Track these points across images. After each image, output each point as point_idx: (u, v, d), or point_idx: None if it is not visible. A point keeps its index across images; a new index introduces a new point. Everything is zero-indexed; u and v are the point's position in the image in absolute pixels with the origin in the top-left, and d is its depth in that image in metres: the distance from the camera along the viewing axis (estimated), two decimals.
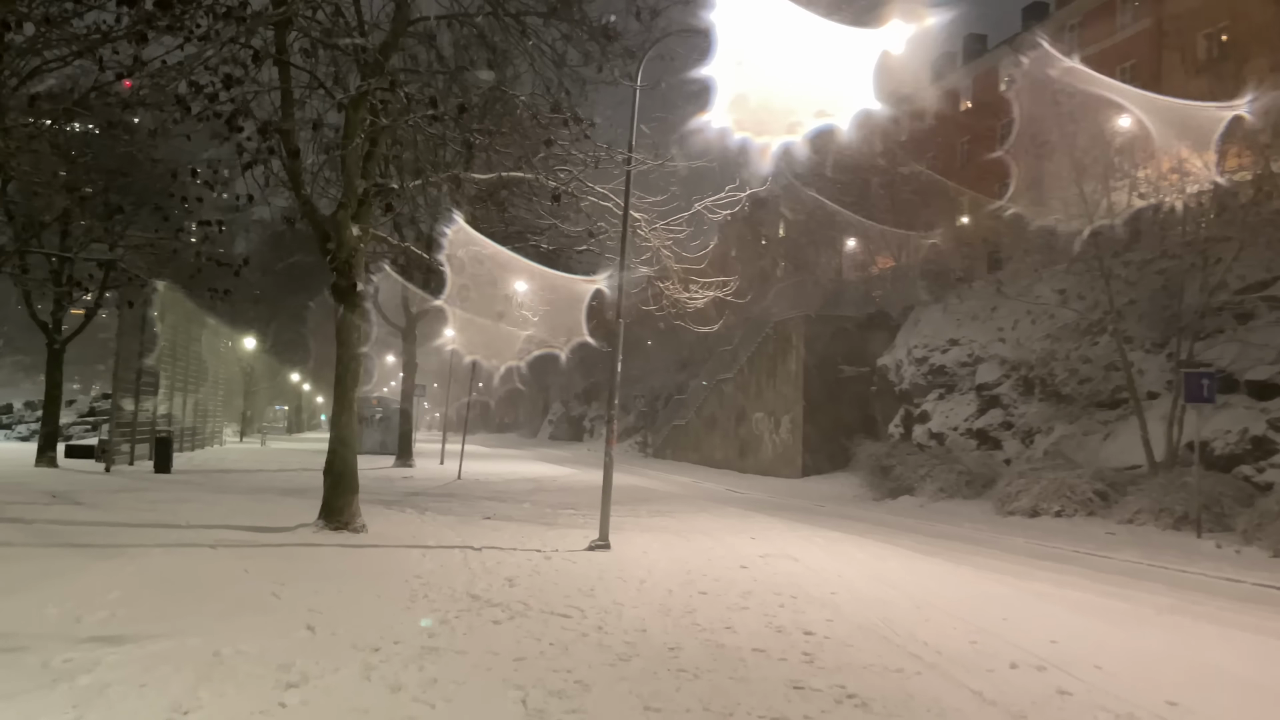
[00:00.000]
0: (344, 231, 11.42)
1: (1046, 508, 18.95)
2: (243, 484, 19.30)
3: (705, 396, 40.07)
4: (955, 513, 20.71)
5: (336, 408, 11.78)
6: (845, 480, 27.40)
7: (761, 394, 34.14)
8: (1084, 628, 7.96)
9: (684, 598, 8.38)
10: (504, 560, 10.09)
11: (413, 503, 16.47)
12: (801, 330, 31.38)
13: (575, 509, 16.51)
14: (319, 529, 11.52)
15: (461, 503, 17.06)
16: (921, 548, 13.65)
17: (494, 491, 20.22)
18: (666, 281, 13.86)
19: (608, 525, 11.44)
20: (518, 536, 12.27)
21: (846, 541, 13.50)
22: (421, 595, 8.02)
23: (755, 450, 34.16)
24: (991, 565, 12.00)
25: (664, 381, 52.63)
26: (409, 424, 29.16)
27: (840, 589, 9.11)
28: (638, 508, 17.51)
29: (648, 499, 20.12)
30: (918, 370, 27.77)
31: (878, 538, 14.76)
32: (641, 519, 15.44)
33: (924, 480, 23.12)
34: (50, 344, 22.81)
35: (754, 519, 16.39)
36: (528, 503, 17.53)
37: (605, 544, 11.22)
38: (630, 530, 13.52)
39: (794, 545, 12.55)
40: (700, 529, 14.19)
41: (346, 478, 11.77)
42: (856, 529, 16.28)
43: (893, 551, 12.60)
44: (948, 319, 27.51)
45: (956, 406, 25.74)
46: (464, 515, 14.80)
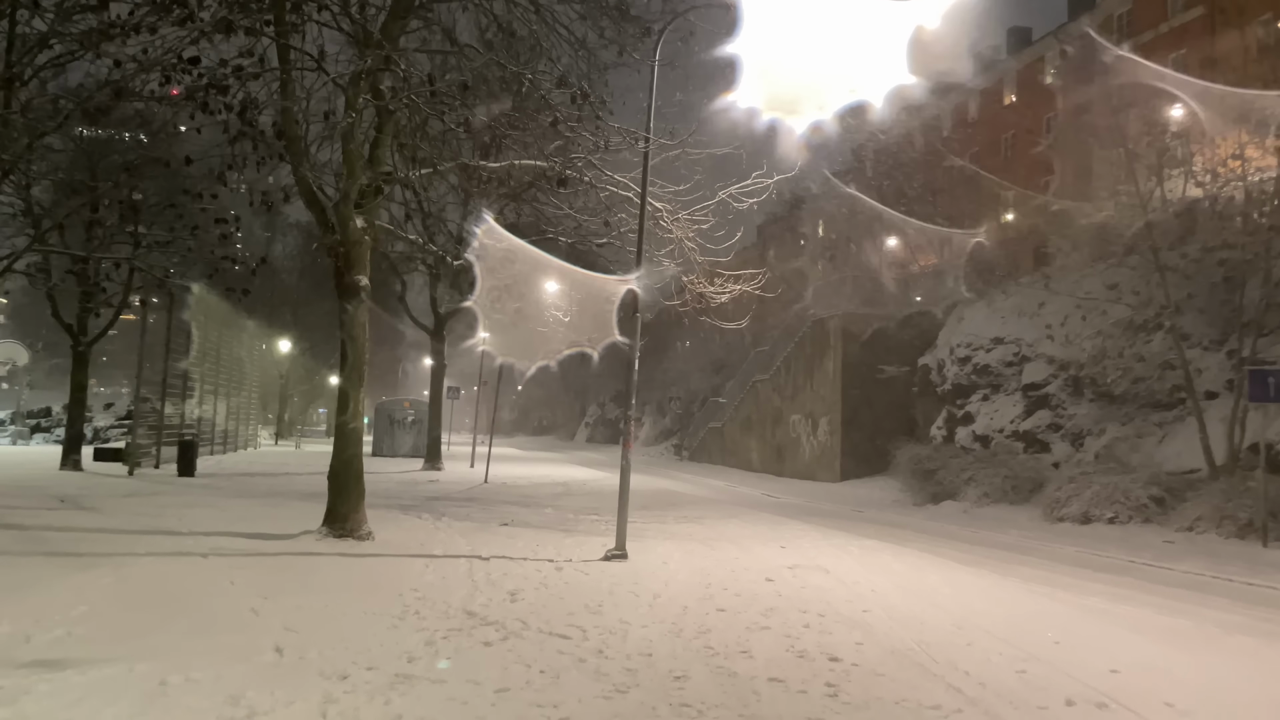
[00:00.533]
0: (347, 224, 10.84)
1: (1099, 514, 17.94)
2: (262, 487, 18.85)
3: (741, 398, 39.21)
4: (1001, 519, 19.73)
5: (340, 409, 11.19)
6: (885, 485, 26.45)
7: (798, 395, 33.24)
8: (1147, 652, 7.11)
9: (699, 615, 7.64)
10: (511, 571, 9.42)
11: (431, 508, 15.88)
12: (839, 329, 30.45)
13: (598, 515, 15.81)
14: (322, 537, 10.94)
15: (482, 508, 16.44)
16: (964, 557, 12.78)
17: (519, 496, 19.59)
18: (691, 276, 13.12)
19: (625, 533, 10.73)
20: (532, 544, 11.60)
21: (883, 551, 12.66)
22: (413, 612, 7.36)
23: (792, 453, 33.26)
24: (1040, 577, 11.12)
25: (700, 383, 51.86)
26: (438, 426, 28.67)
27: (873, 606, 8.31)
28: (665, 513, 16.79)
29: (677, 504, 19.39)
30: (961, 370, 26.75)
31: (917, 546, 13.90)
32: (667, 525, 14.71)
33: (967, 485, 22.14)
34: (75, 346, 22.58)
35: (786, 526, 15.59)
36: (550, 508, 16.87)
37: (622, 553, 10.52)
38: (653, 538, 12.80)
39: (826, 555, 11.75)
40: (728, 537, 13.43)
41: (351, 483, 11.19)
42: (895, 536, 15.42)
43: (932, 562, 11.75)
44: (992, 316, 26.45)
45: (1002, 407, 24.70)
46: (481, 521, 14.17)
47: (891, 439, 27.26)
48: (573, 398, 78.22)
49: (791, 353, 34.07)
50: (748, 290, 13.17)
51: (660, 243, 13.21)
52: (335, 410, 11.29)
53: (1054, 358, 23.54)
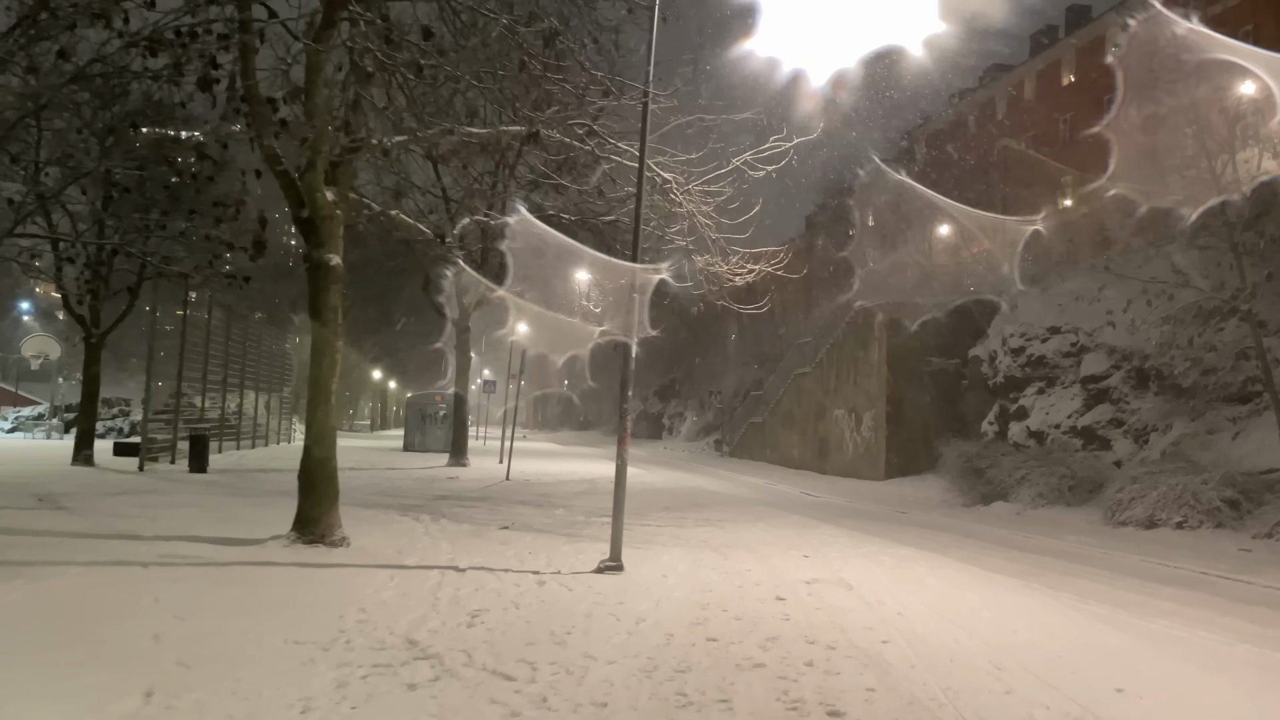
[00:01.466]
0: (315, 195, 9.76)
1: (1165, 518, 16.36)
2: (268, 485, 17.95)
3: (782, 392, 37.77)
4: (1056, 522, 18.19)
5: (311, 401, 10.13)
6: (932, 483, 24.93)
7: (841, 389, 31.74)
8: (1234, 702, 5.75)
9: (683, 648, 6.41)
10: (485, 586, 8.27)
11: (435, 508, 14.81)
12: (884, 319, 28.88)
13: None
14: (289, 543, 9.89)
15: (490, 508, 15.34)
16: (1012, 568, 11.37)
17: (536, 494, 18.48)
18: (705, 256, 11.87)
19: (620, 542, 9.52)
20: (524, 552, 10.45)
21: (920, 561, 11.30)
22: (344, 641, 6.24)
23: (835, 450, 31.78)
24: (1099, 594, 9.71)
25: (743, 377, 50.42)
26: (464, 421, 27.68)
27: (896, 635, 7.01)
28: (686, 516, 15.55)
29: (704, 504, 18.14)
30: (1014, 361, 25.10)
31: (960, 554, 12.50)
32: (684, 530, 13.48)
33: (1020, 484, 20.58)
34: (87, 337, 21.96)
35: (816, 530, 14.26)
36: (563, 509, 15.72)
37: (617, 565, 9.31)
38: (662, 545, 11.58)
39: (853, 566, 10.43)
40: (747, 543, 12.16)
41: (323, 484, 10.12)
42: (937, 542, 14.02)
43: (974, 576, 10.36)
44: (1048, 304, 24.75)
45: (1059, 402, 23.05)
46: (482, 524, 13.06)
47: (939, 435, 25.72)
48: (616, 393, 77.05)
49: (834, 344, 32.57)
50: (769, 271, 11.87)
51: (671, 219, 11.99)
52: (309, 405, 10.22)
53: (1115, 348, 21.84)
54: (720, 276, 11.73)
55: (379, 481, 19.96)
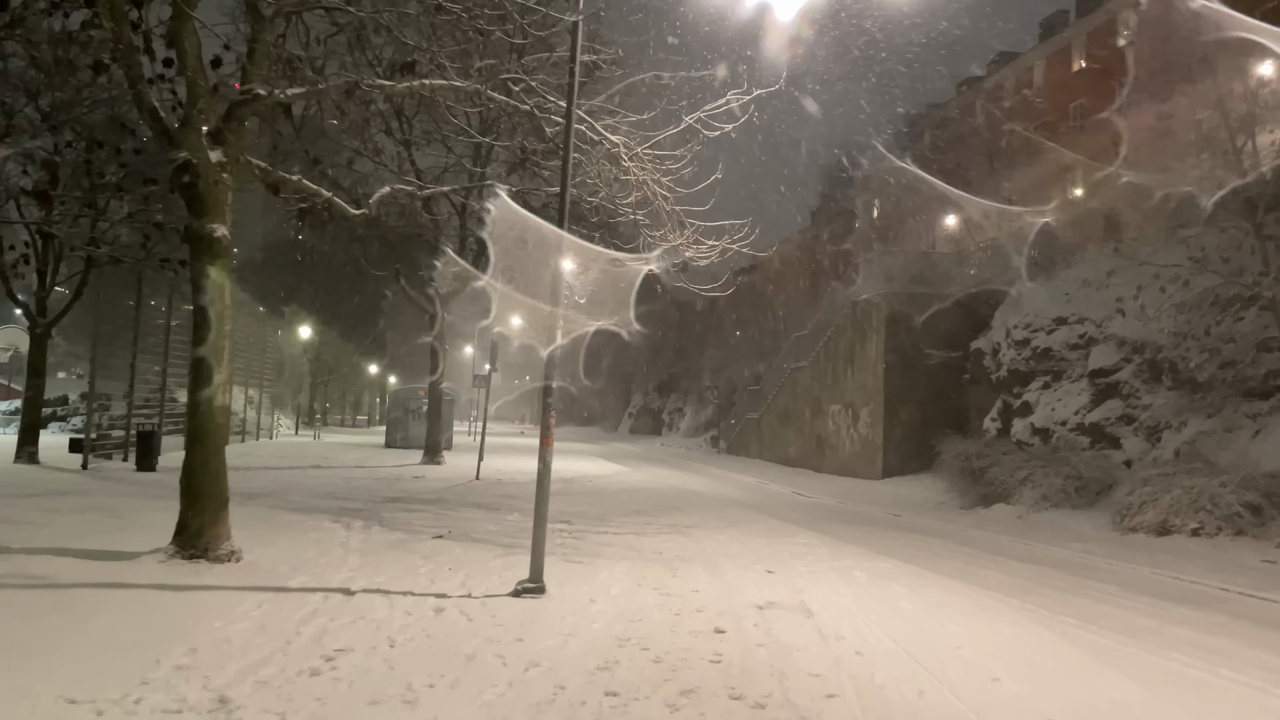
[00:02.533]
0: (196, 155, 8.42)
1: (1180, 524, 14.95)
2: None
3: (779, 387, 36.37)
4: (1060, 527, 16.78)
5: (192, 395, 8.79)
6: (931, 484, 23.52)
7: (839, 384, 30.33)
8: None
9: (572, 706, 5.06)
10: (367, 616, 6.93)
11: (374, 513, 13.47)
12: (883, 310, 27.47)
13: (570, 523, 13.31)
14: (166, 558, 8.57)
15: (437, 512, 14.01)
16: (1007, 584, 9.99)
17: (500, 496, 17.16)
18: (660, 231, 10.51)
19: (541, 560, 8.16)
20: (443, 569, 9.11)
21: (900, 577, 9.92)
22: (133, 699, 4.90)
23: (832, 447, 30.38)
24: (1105, 617, 8.33)
25: (745, 372, 49.03)
26: (438, 417, 26.36)
27: (847, 684, 5.64)
28: (653, 521, 14.21)
29: (679, 507, 16.79)
30: (1018, 354, 23.66)
31: (950, 567, 11.12)
32: (644, 539, 12.12)
33: (1023, 485, 19.16)
34: (32, 328, 20.69)
35: (791, 538, 12.89)
36: (519, 512, 14.35)
37: (537, 587, 7.95)
38: (608, 558, 10.24)
39: (820, 585, 9.06)
40: (708, 555, 10.81)
41: (207, 488, 8.79)
42: (926, 552, 12.64)
43: (960, 597, 8.98)
44: (1054, 293, 23.29)
45: (1065, 397, 21.61)
46: (416, 532, 11.73)
47: (939, 432, 24.23)
48: (618, 388, 75.84)
49: (831, 337, 31.14)
50: (733, 248, 10.50)
51: (625, 190, 10.62)
52: (189, 399, 8.86)
53: (1126, 339, 20.39)
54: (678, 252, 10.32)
55: (335, 482, 18.65)
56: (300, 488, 16.88)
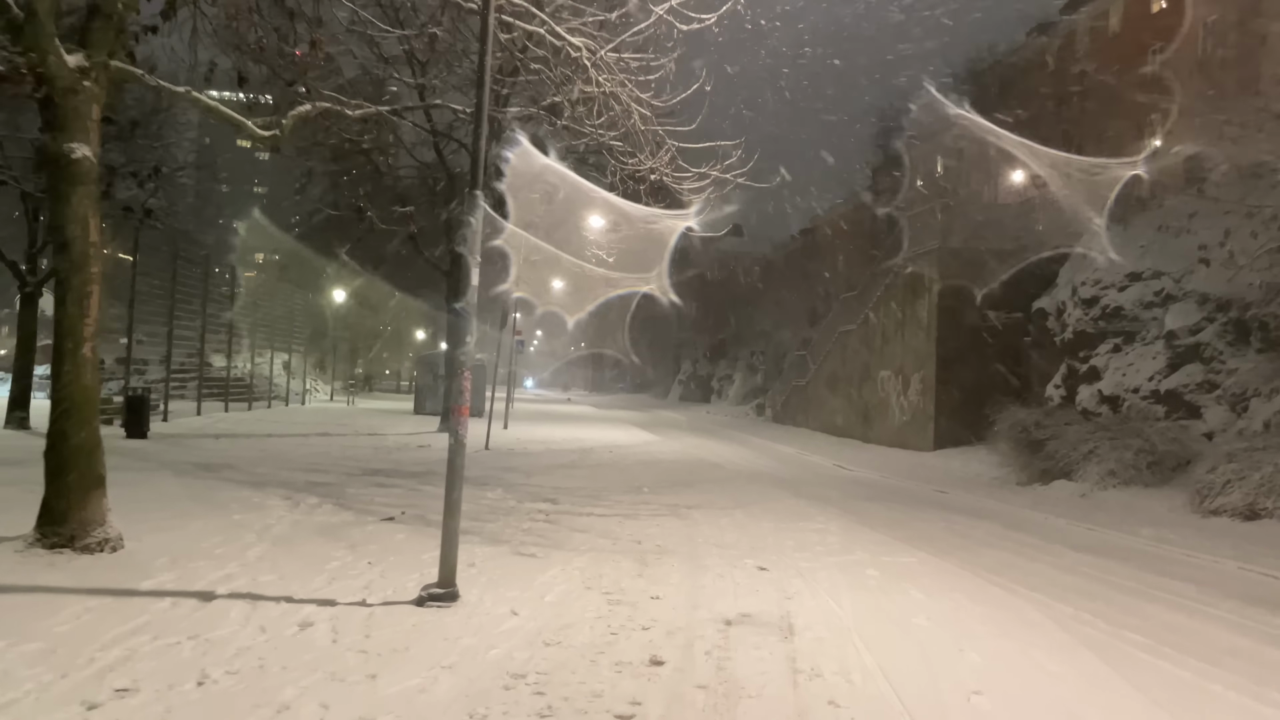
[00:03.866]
0: (46, 60, 6.88)
1: (1271, 507, 12.85)
2: (186, 456, 15.39)
3: (826, 352, 34.30)
4: (1130, 508, 14.72)
5: (56, 355, 7.31)
6: (985, 457, 21.43)
7: (888, 348, 28.21)
8: None
9: None
10: (201, 634, 5.36)
11: (337, 489, 11.98)
12: (937, 268, 25.27)
13: (555, 503, 11.70)
14: (25, 546, 7.13)
15: (411, 488, 12.47)
16: (1058, 588, 8.11)
17: (499, 469, 15.61)
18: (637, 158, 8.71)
19: (453, 562, 6.49)
20: (359, 563, 7.54)
21: (922, 576, 8.10)
22: None
23: (880, 416, 28.32)
24: (1184, 634, 6.47)
25: (794, 337, 46.91)
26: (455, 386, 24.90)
27: None
28: (654, 500, 12.56)
29: (693, 482, 15.10)
30: (1085, 314, 21.36)
31: (989, 560, 9.25)
32: (630, 523, 10.45)
33: (1088, 460, 17.05)
34: (21, 286, 19.64)
35: (806, 522, 11.10)
36: (504, 488, 12.80)
37: (446, 594, 6.31)
38: (569, 550, 8.57)
39: (818, 589, 7.30)
40: (696, 544, 9.11)
41: (76, 465, 7.30)
42: (965, 540, 10.77)
43: (993, 609, 7.12)
44: (1128, 246, 20.83)
45: (1137, 361, 19.34)
46: (369, 512, 10.19)
47: (997, 400, 22.07)
48: (669, 355, 74.08)
49: (881, 297, 28.98)
50: (725, 177, 8.67)
51: (591, 106, 8.83)
52: (53, 360, 7.35)
53: (1209, 295, 18.04)
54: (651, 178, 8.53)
55: (327, 451, 17.30)
56: (280, 458, 15.53)
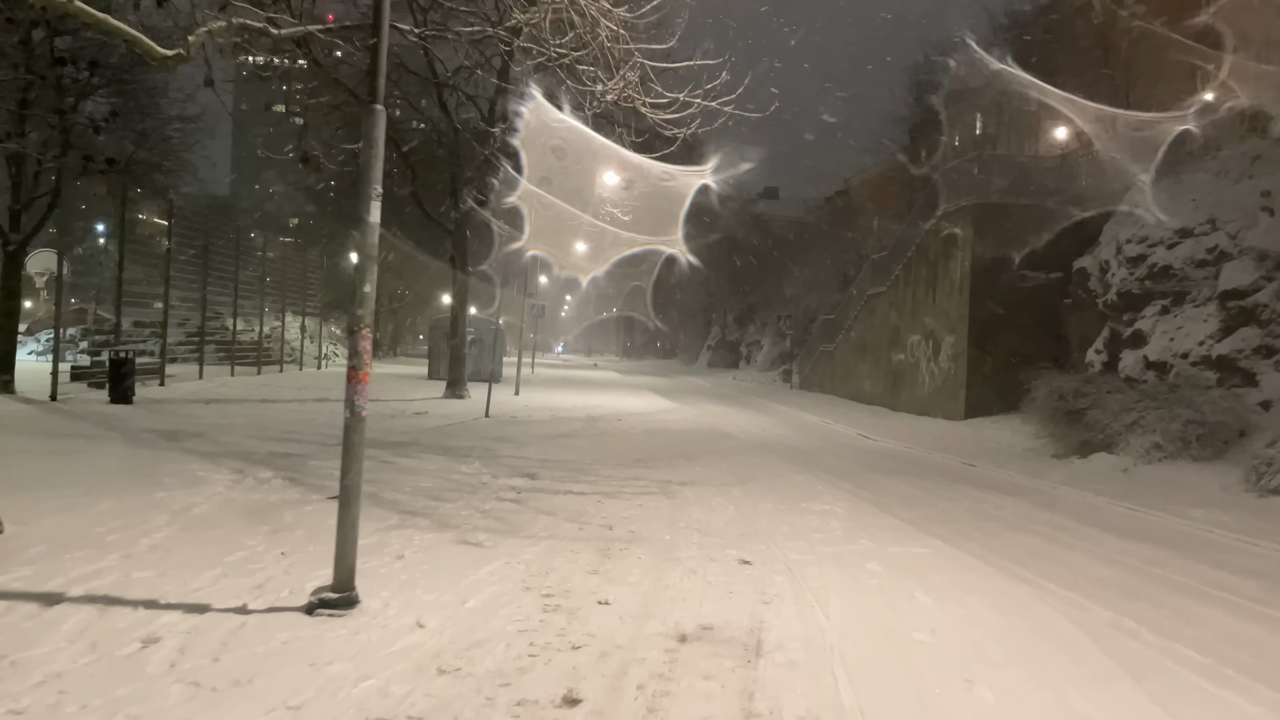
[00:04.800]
0: None
1: None
2: (161, 424, 14.47)
3: (854, 316, 32.85)
4: (1177, 484, 13.37)
5: None
6: (1019, 426, 20.06)
7: (918, 310, 26.74)
8: None
9: None
10: (10, 653, 4.31)
11: (300, 460, 10.97)
12: (971, 225, 23.74)
13: (536, 477, 10.61)
14: None
15: (384, 460, 11.40)
16: (1095, 582, 6.89)
17: (491, 439, 14.56)
18: (609, 83, 7.48)
19: (350, 561, 5.36)
20: (270, 554, 6.49)
21: (933, 572, 6.90)
22: None
23: (909, 382, 26.92)
24: (1251, 647, 5.23)
25: (824, 302, 45.33)
26: (462, 346, 23.88)
27: None
28: (646, 475, 11.43)
29: (696, 455, 13.96)
30: (1131, 274, 19.80)
31: (1016, 550, 8.01)
32: (609, 502, 9.33)
33: (1130, 431, 15.66)
34: (4, 245, 18.78)
35: (810, 502, 9.91)
36: (481, 460, 11.72)
37: (341, 599, 5.20)
38: (524, 538, 7.45)
39: (806, 590, 6.13)
40: (676, 530, 7.96)
41: None
42: (990, 522, 9.53)
43: (1017, 613, 5.90)
44: (1179, 199, 19.26)
45: (1188, 324, 17.82)
46: (318, 489, 9.15)
47: (1034, 366, 20.63)
48: (699, 320, 72.66)
49: (913, 257, 27.45)
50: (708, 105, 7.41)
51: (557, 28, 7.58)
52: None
53: (1268, 252, 16.47)
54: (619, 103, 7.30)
55: (313, 419, 16.38)
56: (259, 425, 14.59)
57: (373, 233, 5.18)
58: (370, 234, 5.19)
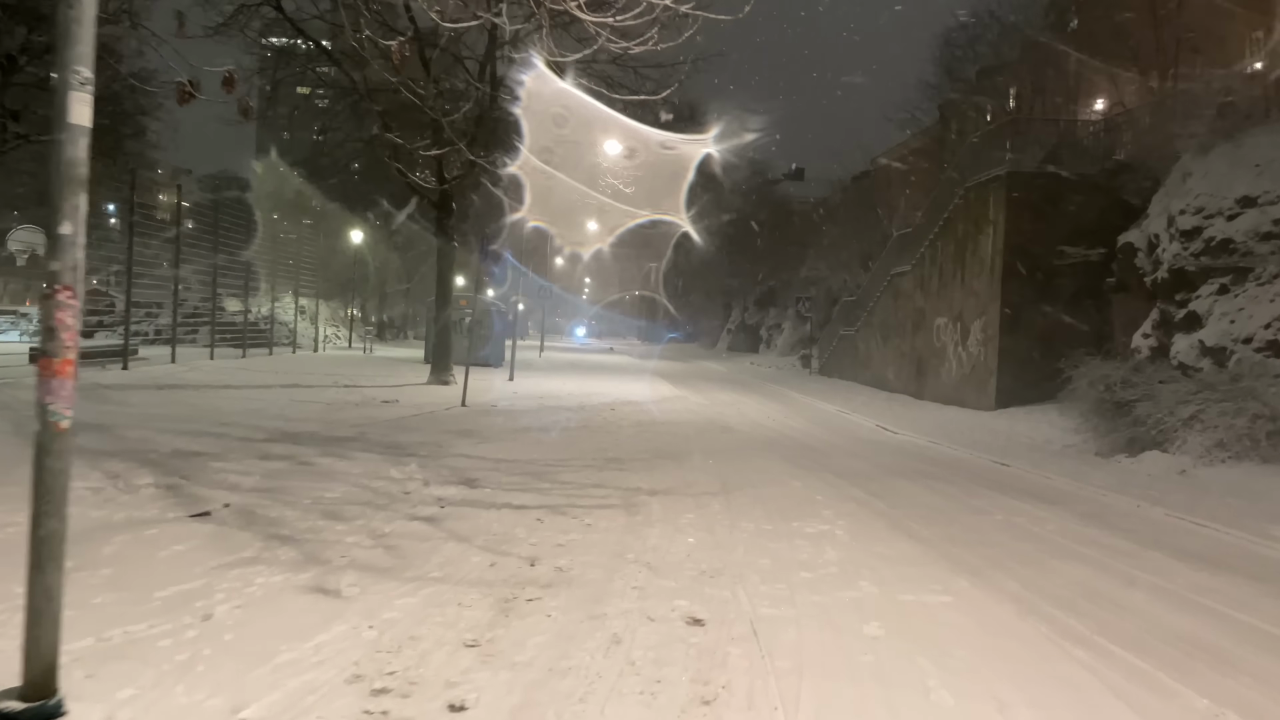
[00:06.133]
0: None
1: None
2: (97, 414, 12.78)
3: (877, 298, 30.78)
4: (1247, 492, 11.38)
5: None
6: (1057, 419, 18.06)
7: (946, 291, 24.67)
8: None
9: None
10: None
11: (203, 461, 9.23)
12: (1002, 195, 21.64)
13: (475, 484, 8.82)
14: None
15: (304, 460, 9.65)
16: (1174, 636, 4.99)
17: (459, 431, 12.80)
18: None
19: (51, 647, 3.54)
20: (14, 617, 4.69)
21: (951, 640, 5.01)
22: None
23: (935, 369, 24.88)
24: None
25: (847, 283, 43.17)
26: (447, 327, 22.11)
27: None
28: (614, 480, 9.60)
29: (683, 454, 12.15)
30: (1185, 249, 17.66)
31: (1062, 589, 6.09)
32: (551, 520, 7.50)
33: (1188, 427, 13.68)
34: None
35: (805, 521, 8.03)
36: (419, 461, 9.93)
37: (31, 713, 3.39)
38: (411, 580, 5.62)
39: (764, 682, 4.27)
40: (623, 565, 6.13)
41: None
42: (1028, 544, 7.60)
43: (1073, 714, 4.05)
44: (1239, 164, 17.10)
45: (1251, 305, 15.73)
46: (193, 502, 7.38)
47: (1072, 352, 18.56)
48: (720, 303, 70.60)
49: (939, 233, 25.36)
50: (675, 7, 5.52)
51: None
52: None
53: None
54: None
55: (263, 408, 14.58)
56: (187, 416, 12.85)
57: (75, 140, 3.33)
58: (73, 141, 3.33)
